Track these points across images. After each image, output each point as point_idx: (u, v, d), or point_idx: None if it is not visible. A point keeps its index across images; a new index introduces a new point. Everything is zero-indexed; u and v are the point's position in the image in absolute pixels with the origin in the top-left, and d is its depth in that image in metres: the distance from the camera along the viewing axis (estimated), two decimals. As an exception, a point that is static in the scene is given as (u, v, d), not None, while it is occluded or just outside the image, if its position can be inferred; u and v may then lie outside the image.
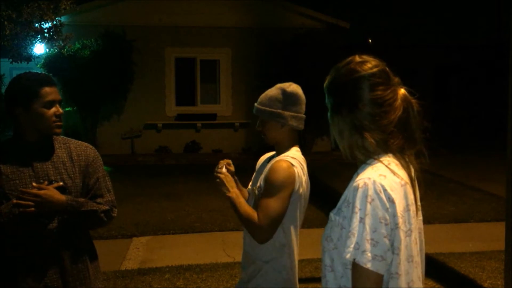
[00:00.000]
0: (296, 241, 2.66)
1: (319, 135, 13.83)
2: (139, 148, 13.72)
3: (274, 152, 2.76)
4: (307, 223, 7.17)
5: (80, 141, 2.61)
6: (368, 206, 1.54)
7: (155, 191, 9.62)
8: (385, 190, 1.56)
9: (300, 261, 5.45)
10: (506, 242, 4.33)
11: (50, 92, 2.41)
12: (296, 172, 2.53)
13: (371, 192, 1.55)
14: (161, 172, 11.77)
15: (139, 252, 6.37)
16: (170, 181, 10.49)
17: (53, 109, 2.41)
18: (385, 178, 1.59)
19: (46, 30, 11.61)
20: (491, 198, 8.85)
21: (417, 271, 1.67)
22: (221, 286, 5.17)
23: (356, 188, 1.57)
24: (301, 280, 5.10)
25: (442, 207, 8.16)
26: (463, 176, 10.87)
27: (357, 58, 1.72)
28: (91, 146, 2.62)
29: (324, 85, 1.76)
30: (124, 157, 13.15)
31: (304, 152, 2.77)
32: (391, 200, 1.56)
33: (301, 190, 2.57)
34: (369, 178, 1.58)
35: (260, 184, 2.58)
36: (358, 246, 1.52)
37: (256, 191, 2.59)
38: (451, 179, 10.48)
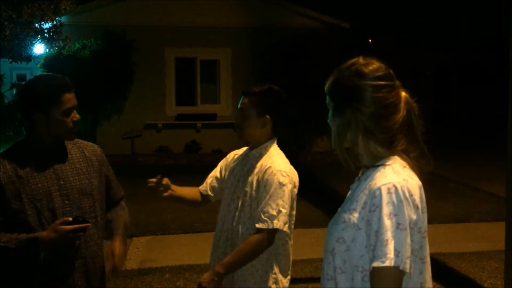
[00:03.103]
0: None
1: (319, 135, 13.83)
2: (139, 148, 13.72)
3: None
4: (307, 223, 7.16)
5: (86, 141, 2.60)
6: (401, 211, 1.54)
7: (155, 191, 9.59)
8: (411, 195, 1.57)
9: (300, 261, 5.48)
10: (506, 242, 4.33)
11: (70, 98, 2.36)
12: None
13: (401, 197, 1.55)
14: (161, 172, 11.68)
15: (139, 252, 6.38)
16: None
17: (71, 115, 2.37)
18: (407, 181, 1.59)
19: (46, 30, 11.63)
20: (491, 198, 8.84)
21: (429, 271, 1.68)
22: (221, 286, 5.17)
23: (385, 192, 1.56)
24: (301, 280, 5.13)
25: (442, 207, 8.16)
26: (463, 176, 10.86)
27: (362, 60, 1.71)
28: (97, 145, 2.63)
29: (326, 86, 1.75)
30: (124, 157, 13.14)
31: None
32: (415, 204, 1.58)
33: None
34: (398, 183, 1.57)
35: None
36: (397, 253, 1.51)
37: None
38: (451, 179, 10.48)
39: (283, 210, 2.49)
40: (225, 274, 2.49)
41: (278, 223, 2.48)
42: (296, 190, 2.61)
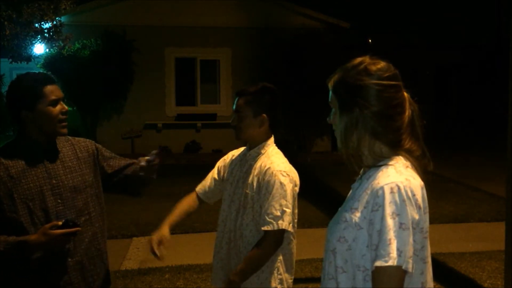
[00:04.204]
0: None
1: (319, 135, 13.82)
2: (139, 148, 13.70)
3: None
4: (307, 223, 7.16)
5: (77, 137, 2.58)
6: (404, 210, 1.54)
7: (155, 191, 9.59)
8: (413, 195, 1.57)
9: (300, 261, 5.48)
10: (506, 242, 4.33)
11: (53, 90, 2.36)
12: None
13: (404, 197, 1.55)
14: (161, 172, 11.69)
15: (139, 252, 6.38)
16: (170, 181, 10.47)
17: (58, 107, 2.37)
18: (410, 181, 1.59)
19: (46, 30, 11.62)
20: (491, 198, 8.84)
21: (430, 271, 1.68)
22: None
23: (388, 192, 1.55)
24: (301, 280, 5.12)
25: (442, 207, 8.15)
26: (463, 176, 10.86)
27: (369, 59, 1.70)
28: (88, 140, 2.61)
29: (330, 84, 1.73)
30: (124, 157, 13.13)
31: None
32: (418, 204, 1.58)
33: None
34: (401, 182, 1.57)
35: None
36: (400, 253, 1.51)
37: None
38: (451, 179, 10.47)
39: (287, 210, 2.50)
40: (241, 282, 2.49)
41: (283, 224, 2.48)
42: (297, 189, 2.61)
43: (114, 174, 2.60)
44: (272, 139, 2.71)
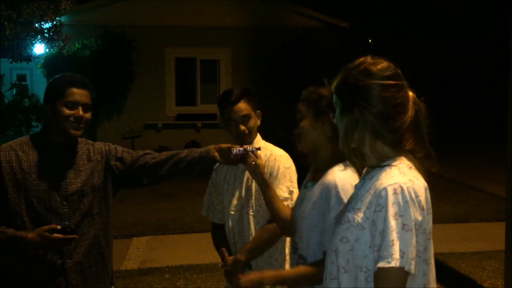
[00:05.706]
0: None
1: (319, 135, 13.81)
2: (139, 148, 13.54)
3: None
4: (307, 223, 7.16)
5: (97, 142, 2.61)
6: (407, 211, 1.53)
7: (155, 191, 9.61)
8: (417, 196, 1.57)
9: (300, 261, 5.48)
10: (506, 242, 4.33)
11: (75, 93, 2.36)
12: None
13: (407, 198, 1.55)
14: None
15: (139, 252, 6.38)
16: (170, 181, 10.48)
17: (74, 111, 2.36)
18: (413, 182, 1.58)
19: (46, 30, 11.64)
20: (491, 198, 8.84)
21: (433, 272, 1.67)
22: (221, 286, 5.17)
23: (391, 193, 1.55)
24: (301, 280, 5.12)
25: (442, 207, 8.15)
26: (463, 176, 10.86)
27: (370, 59, 1.69)
28: (102, 142, 2.62)
29: (333, 85, 1.74)
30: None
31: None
32: (421, 206, 1.57)
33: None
34: (404, 183, 1.56)
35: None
36: (402, 254, 1.51)
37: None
38: (451, 179, 10.47)
39: (294, 190, 2.56)
40: (246, 261, 2.53)
41: (292, 203, 2.50)
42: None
43: (128, 168, 2.57)
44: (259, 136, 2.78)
